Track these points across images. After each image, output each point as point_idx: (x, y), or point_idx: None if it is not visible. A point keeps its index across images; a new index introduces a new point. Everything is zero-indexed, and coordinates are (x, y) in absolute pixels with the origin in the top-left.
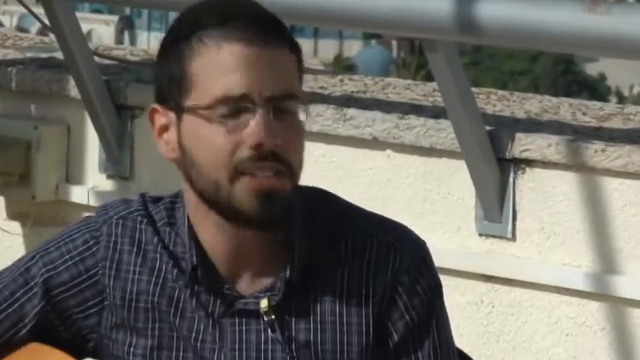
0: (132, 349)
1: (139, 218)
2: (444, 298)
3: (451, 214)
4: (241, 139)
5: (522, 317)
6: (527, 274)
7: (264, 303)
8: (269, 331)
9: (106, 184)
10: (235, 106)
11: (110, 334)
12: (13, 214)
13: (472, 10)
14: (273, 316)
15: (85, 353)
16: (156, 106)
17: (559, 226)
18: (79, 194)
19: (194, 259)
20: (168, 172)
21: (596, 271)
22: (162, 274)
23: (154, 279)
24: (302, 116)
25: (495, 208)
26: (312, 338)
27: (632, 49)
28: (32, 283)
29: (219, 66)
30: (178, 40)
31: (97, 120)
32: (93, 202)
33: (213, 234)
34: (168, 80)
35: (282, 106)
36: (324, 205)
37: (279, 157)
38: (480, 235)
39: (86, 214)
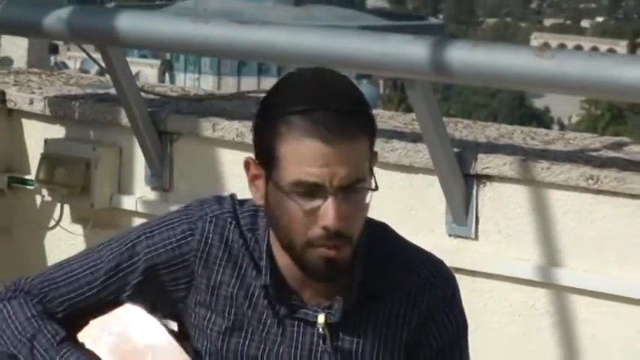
0: (210, 324)
1: (229, 219)
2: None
3: (426, 219)
4: (314, 220)
5: (483, 301)
6: (487, 267)
7: (321, 319)
8: (321, 341)
9: (151, 195)
10: (309, 190)
11: (194, 308)
12: (75, 219)
13: (444, 55)
14: (326, 331)
15: (168, 314)
16: (251, 159)
17: (513, 228)
18: (128, 203)
19: (268, 278)
20: (200, 186)
21: (543, 265)
22: (243, 271)
23: (235, 273)
24: (368, 198)
25: (462, 214)
26: (354, 349)
27: (572, 86)
28: (136, 259)
29: (300, 157)
30: (272, 116)
31: (143, 143)
32: (140, 209)
33: (286, 261)
34: (261, 147)
35: (350, 190)
36: (382, 240)
37: (344, 235)
38: (450, 235)
39: (135, 219)
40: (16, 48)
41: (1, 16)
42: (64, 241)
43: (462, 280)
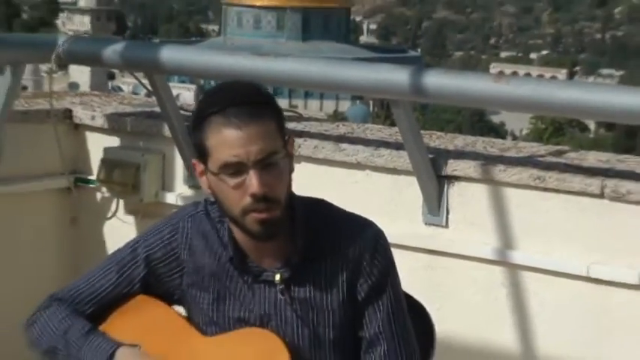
0: (201, 300)
1: (203, 216)
2: (398, 266)
3: (407, 211)
4: (244, 192)
5: (453, 277)
6: (456, 249)
7: (277, 277)
8: (280, 295)
9: (188, 192)
10: (235, 169)
11: (188, 290)
12: (128, 211)
13: (421, 81)
14: (283, 286)
15: (172, 302)
16: (195, 161)
17: (477, 218)
18: (171, 198)
19: (231, 253)
20: None
21: (500, 247)
22: (218, 253)
23: (213, 255)
24: (283, 163)
25: (435, 207)
26: (307, 296)
27: (523, 106)
28: (138, 258)
29: (222, 144)
30: (199, 120)
31: (182, 151)
32: (180, 203)
33: (242, 236)
34: (196, 147)
35: (267, 162)
36: (317, 210)
37: (269, 198)
38: (426, 224)
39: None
40: (81, 75)
41: (69, 49)
42: (119, 228)
43: (435, 260)
